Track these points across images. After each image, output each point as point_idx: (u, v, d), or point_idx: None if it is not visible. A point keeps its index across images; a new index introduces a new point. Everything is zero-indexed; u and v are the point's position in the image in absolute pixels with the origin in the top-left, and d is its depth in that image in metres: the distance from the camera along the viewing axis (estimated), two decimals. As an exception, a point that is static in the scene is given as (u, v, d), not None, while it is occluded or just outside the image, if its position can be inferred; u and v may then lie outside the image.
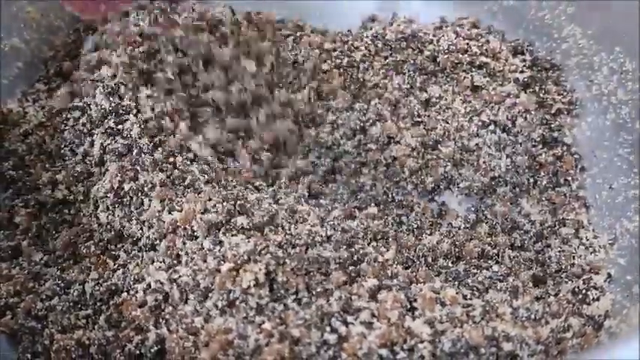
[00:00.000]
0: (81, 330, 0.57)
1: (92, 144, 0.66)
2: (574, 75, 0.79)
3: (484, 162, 0.73)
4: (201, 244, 0.58)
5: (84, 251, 0.63)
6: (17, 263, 0.63)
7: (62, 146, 0.68)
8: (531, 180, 0.73)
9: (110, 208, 0.62)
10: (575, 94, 0.79)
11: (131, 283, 0.58)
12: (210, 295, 0.54)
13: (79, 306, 0.59)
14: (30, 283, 0.61)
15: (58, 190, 0.67)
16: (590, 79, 0.77)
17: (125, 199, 0.61)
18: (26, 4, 0.74)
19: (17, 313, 0.59)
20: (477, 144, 0.74)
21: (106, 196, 0.62)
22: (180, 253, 0.58)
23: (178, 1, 0.84)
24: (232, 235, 0.58)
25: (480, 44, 0.81)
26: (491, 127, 0.75)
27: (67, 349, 0.56)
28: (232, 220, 0.59)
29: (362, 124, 0.77)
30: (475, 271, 0.64)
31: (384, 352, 0.52)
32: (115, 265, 0.61)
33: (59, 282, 0.60)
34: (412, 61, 0.80)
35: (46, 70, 0.78)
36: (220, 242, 0.57)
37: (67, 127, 0.68)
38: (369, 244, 0.62)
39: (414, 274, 0.61)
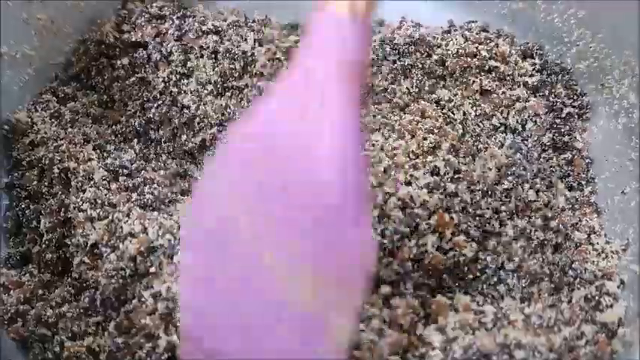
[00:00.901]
0: (91, 337, 0.57)
1: None
2: (584, 79, 0.78)
3: (495, 166, 0.73)
4: None
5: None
6: (27, 270, 0.63)
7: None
8: (542, 184, 0.73)
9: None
10: (586, 97, 0.78)
11: (141, 290, 0.58)
12: None
13: (90, 313, 0.59)
14: (40, 290, 0.61)
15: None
16: (601, 82, 0.76)
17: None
18: (37, 11, 0.75)
19: (27, 320, 0.59)
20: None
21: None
22: None
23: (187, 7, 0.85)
24: None
25: (489, 48, 0.80)
26: (501, 131, 0.74)
27: (77, 356, 0.56)
28: None
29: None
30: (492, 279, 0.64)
31: (394, 359, 0.51)
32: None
33: (70, 289, 0.60)
34: (420, 65, 0.79)
35: (55, 79, 0.78)
36: None
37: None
38: None
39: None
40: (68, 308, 0.59)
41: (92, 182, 0.66)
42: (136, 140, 0.77)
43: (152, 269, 0.59)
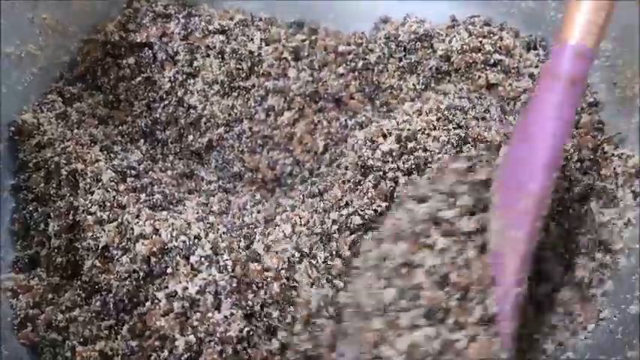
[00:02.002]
0: (103, 341, 0.56)
1: None
2: (596, 77, 0.77)
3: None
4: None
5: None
6: (35, 274, 0.63)
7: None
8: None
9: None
10: (597, 96, 0.77)
11: (154, 292, 0.58)
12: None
13: (102, 316, 0.58)
14: (49, 294, 0.61)
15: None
16: (614, 81, 0.75)
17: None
18: (42, 10, 0.74)
19: (37, 324, 0.59)
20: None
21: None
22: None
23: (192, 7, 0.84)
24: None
25: (493, 42, 0.79)
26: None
27: None
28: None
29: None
30: None
31: None
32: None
33: (80, 292, 0.60)
34: (426, 62, 0.79)
35: (61, 78, 0.77)
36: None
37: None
38: None
39: None
40: (79, 312, 0.59)
41: (100, 184, 0.65)
42: (142, 141, 0.77)
43: (169, 270, 0.58)
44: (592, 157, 0.71)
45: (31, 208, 0.66)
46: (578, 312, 0.63)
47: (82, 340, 0.57)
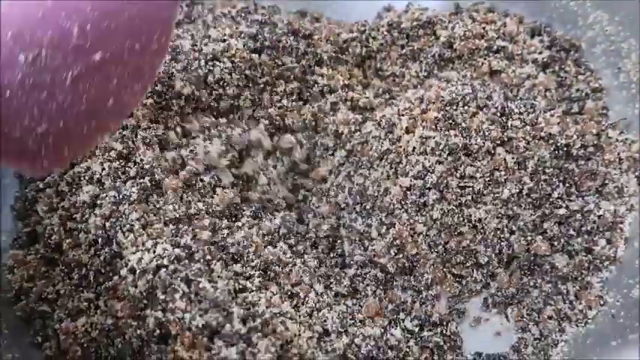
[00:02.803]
0: (84, 316, 0.58)
1: None
2: (600, 62, 0.76)
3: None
4: None
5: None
6: (35, 249, 0.64)
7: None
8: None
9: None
10: (602, 81, 0.76)
11: (119, 268, 0.58)
12: None
13: (80, 289, 0.59)
14: (43, 268, 0.62)
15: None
16: (618, 66, 0.74)
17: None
18: None
19: (30, 297, 0.60)
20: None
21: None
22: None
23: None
24: None
25: (496, 28, 0.79)
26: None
27: (74, 334, 0.57)
28: None
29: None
30: None
31: None
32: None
33: (63, 267, 0.61)
34: (429, 49, 0.78)
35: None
36: None
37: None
38: None
39: None
40: (62, 285, 0.60)
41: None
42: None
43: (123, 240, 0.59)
44: (596, 142, 0.71)
45: (32, 186, 0.67)
46: (579, 298, 0.63)
47: (67, 312, 0.59)
